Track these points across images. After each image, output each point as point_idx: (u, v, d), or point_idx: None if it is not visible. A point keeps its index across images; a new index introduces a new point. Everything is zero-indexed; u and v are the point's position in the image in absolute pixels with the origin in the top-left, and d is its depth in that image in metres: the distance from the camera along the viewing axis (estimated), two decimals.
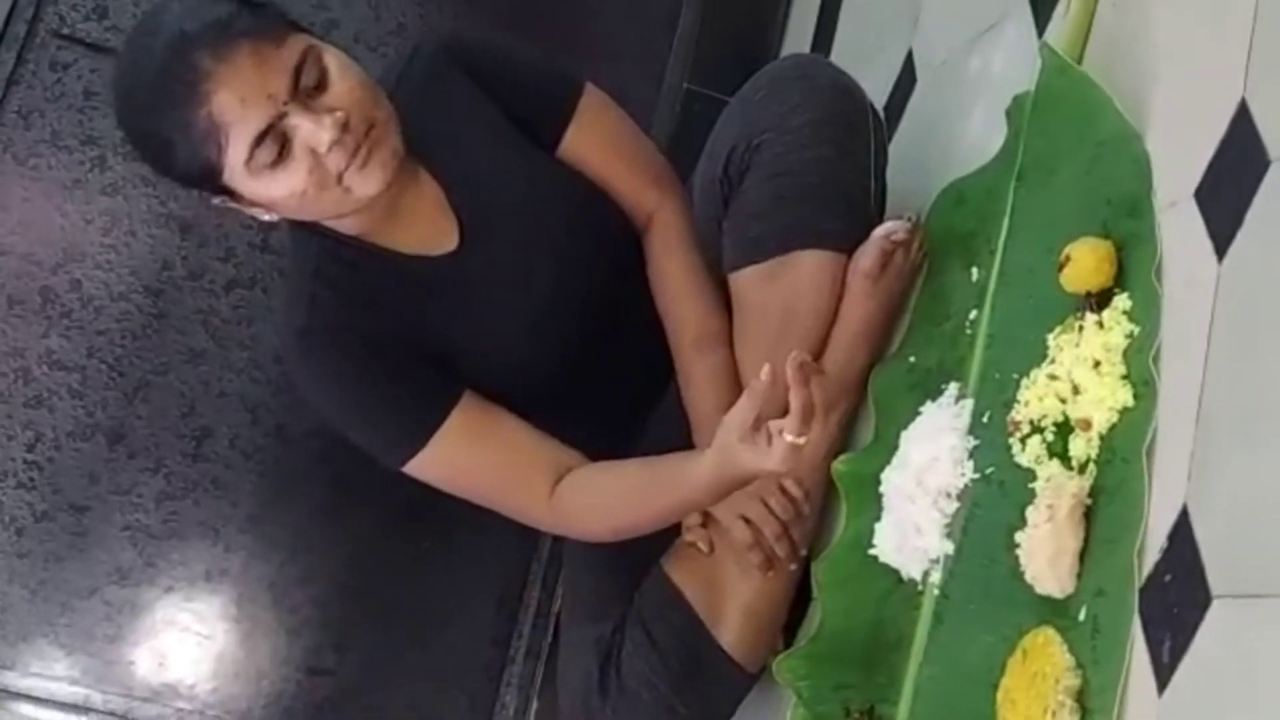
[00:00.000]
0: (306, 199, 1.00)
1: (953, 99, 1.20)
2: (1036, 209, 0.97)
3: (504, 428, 1.10)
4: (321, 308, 1.08)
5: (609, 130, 1.18)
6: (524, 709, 1.50)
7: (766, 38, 1.67)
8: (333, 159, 0.98)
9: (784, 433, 0.88)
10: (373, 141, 0.99)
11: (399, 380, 1.08)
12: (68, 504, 1.42)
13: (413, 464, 1.08)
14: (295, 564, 1.46)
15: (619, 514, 1.08)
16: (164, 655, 1.43)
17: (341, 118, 0.97)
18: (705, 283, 1.16)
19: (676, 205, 1.19)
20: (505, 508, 1.12)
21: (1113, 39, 0.96)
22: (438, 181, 1.11)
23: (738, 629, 1.10)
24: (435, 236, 1.11)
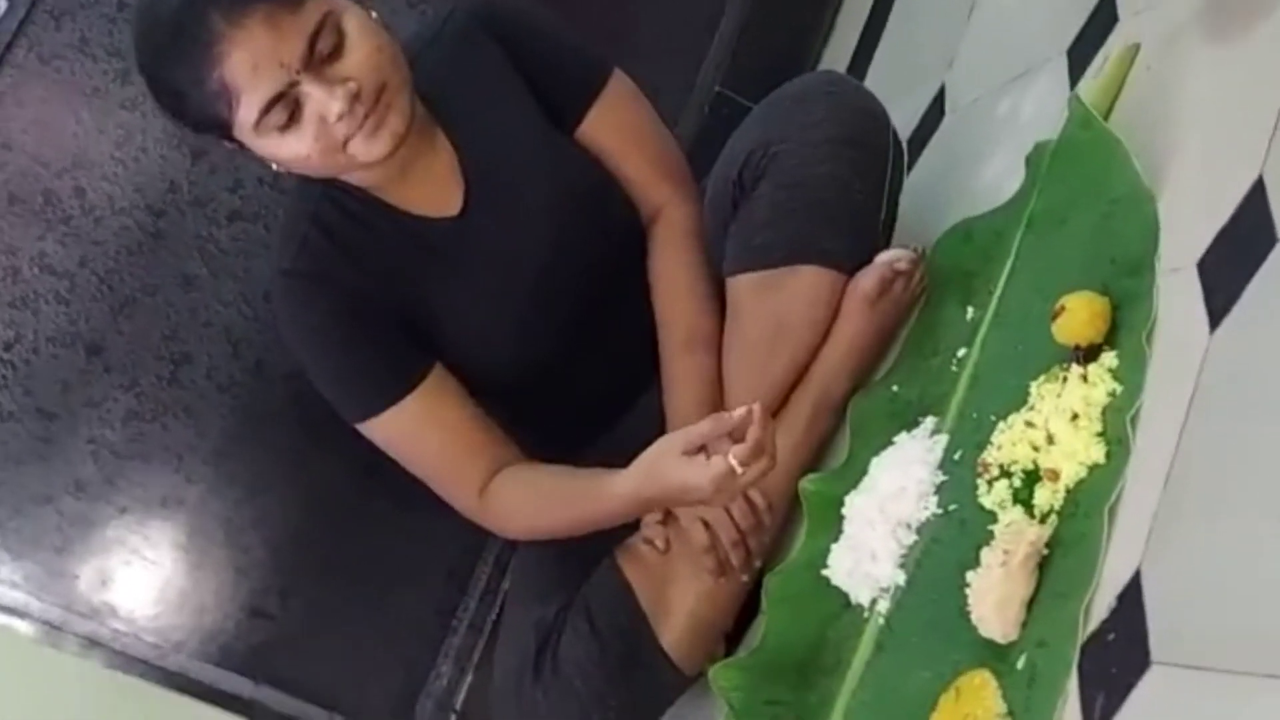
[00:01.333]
0: (311, 162, 1.00)
1: (977, 138, 1.20)
2: (1040, 256, 0.97)
3: (457, 414, 1.11)
4: (310, 253, 1.08)
5: (630, 119, 1.17)
6: (458, 681, 1.49)
7: (804, 53, 1.67)
8: (341, 127, 0.98)
9: (730, 455, 0.88)
10: (383, 107, 0.99)
11: (371, 343, 1.09)
12: (36, 408, 1.40)
13: (364, 424, 1.10)
14: (253, 504, 1.45)
15: (537, 516, 1.10)
16: (108, 574, 1.42)
17: (354, 88, 0.97)
18: (703, 284, 1.16)
19: (687, 204, 1.19)
20: (438, 489, 1.13)
21: (1142, 101, 0.96)
22: (453, 145, 1.11)
23: (680, 631, 1.09)
24: (442, 198, 1.11)
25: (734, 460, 0.89)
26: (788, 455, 1.09)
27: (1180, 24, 0.95)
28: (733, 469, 0.89)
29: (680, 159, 1.22)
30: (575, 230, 1.13)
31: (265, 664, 1.45)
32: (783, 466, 1.07)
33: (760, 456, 0.89)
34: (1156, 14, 1.00)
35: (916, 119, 1.30)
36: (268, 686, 1.45)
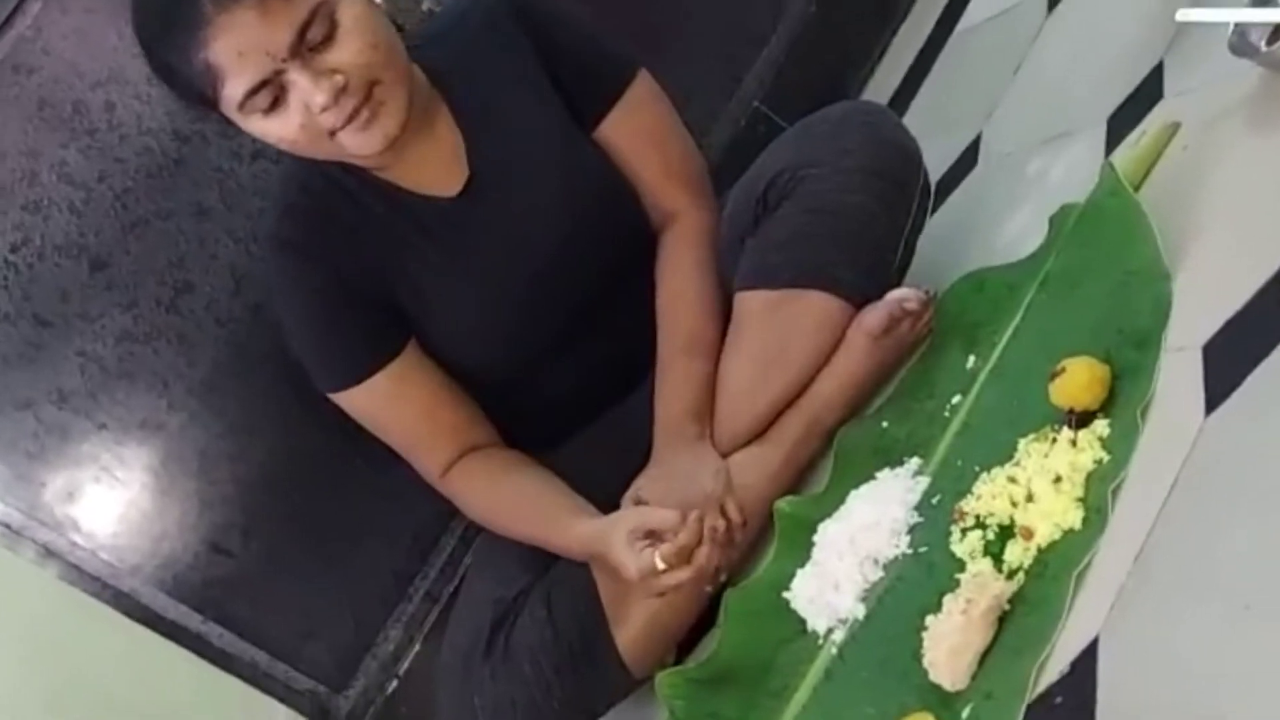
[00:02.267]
0: (298, 146, 1.01)
1: (1005, 191, 1.20)
2: (1049, 316, 0.96)
3: (428, 393, 1.12)
4: (294, 221, 1.10)
5: (651, 122, 1.17)
6: (406, 647, 1.48)
7: (848, 82, 1.67)
8: (326, 118, 0.98)
9: (657, 552, 0.93)
10: (375, 104, 0.99)
11: (346, 318, 1.10)
12: (33, 313, 1.40)
13: (335, 395, 1.13)
14: (231, 440, 1.44)
15: (491, 513, 1.13)
16: (76, 487, 1.41)
17: (340, 81, 0.97)
18: (710, 292, 1.15)
19: (701, 211, 1.18)
20: (408, 459, 1.16)
21: (1175, 177, 0.96)
22: (459, 127, 1.11)
23: (636, 633, 1.09)
24: (442, 179, 1.11)
25: (658, 558, 0.94)
26: (768, 475, 1.09)
27: (1223, 110, 0.95)
28: (654, 565, 0.94)
29: (699, 166, 1.21)
30: (578, 229, 1.12)
31: (216, 600, 1.44)
32: (762, 485, 1.08)
33: (685, 559, 0.94)
34: (1201, 96, 1.00)
35: (948, 163, 1.30)
36: (216, 623, 1.45)
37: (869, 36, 1.70)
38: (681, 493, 1.06)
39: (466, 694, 1.10)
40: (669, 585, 0.97)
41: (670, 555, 0.94)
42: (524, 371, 1.16)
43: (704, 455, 1.09)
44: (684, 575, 0.96)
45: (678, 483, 1.07)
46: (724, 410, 1.11)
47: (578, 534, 1.05)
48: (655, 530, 0.97)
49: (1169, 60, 1.07)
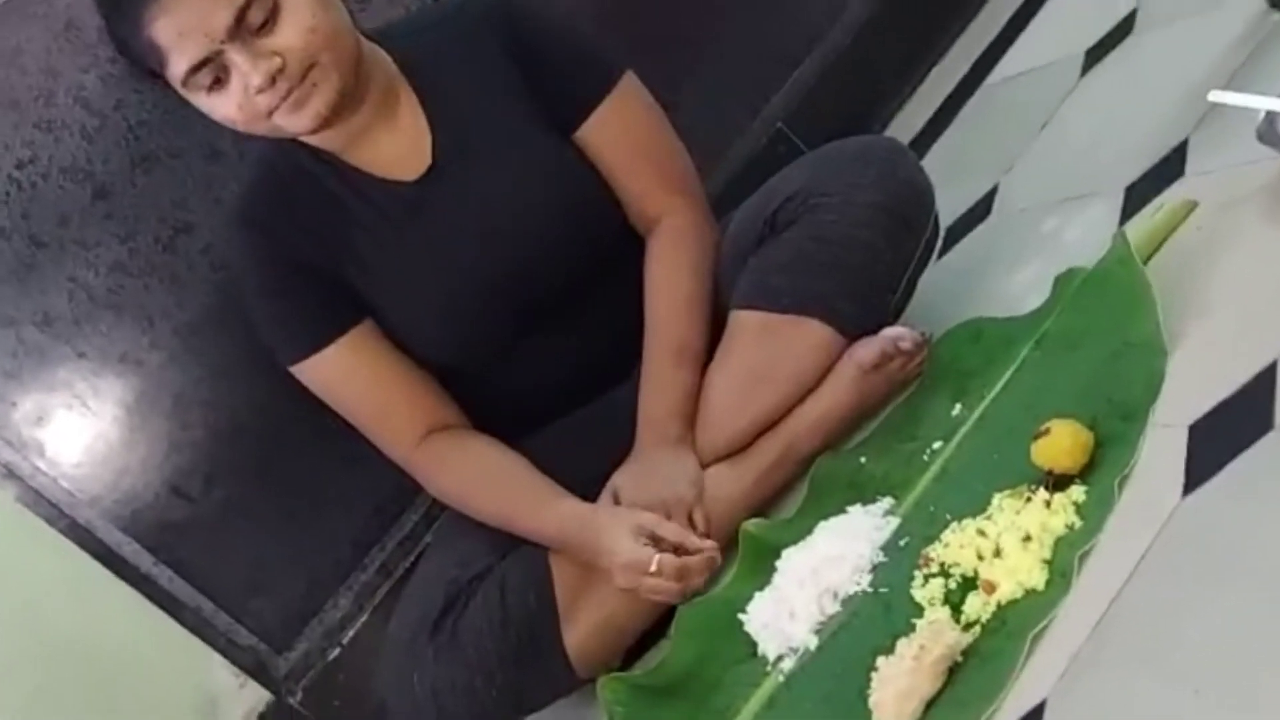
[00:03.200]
0: (239, 124, 1.06)
1: (1015, 246, 1.20)
2: (1042, 375, 0.96)
3: (387, 365, 1.14)
4: (254, 199, 1.16)
5: (634, 124, 1.17)
6: (353, 617, 1.47)
7: (873, 116, 1.67)
8: (262, 99, 1.02)
9: (658, 556, 0.97)
10: (309, 86, 1.02)
11: (303, 290, 1.13)
12: (29, 233, 1.39)
13: (294, 369, 1.16)
14: (208, 386, 1.43)
15: (467, 490, 1.13)
16: (47, 412, 1.40)
17: (278, 64, 1.00)
18: (699, 297, 1.15)
19: (689, 213, 1.18)
20: (372, 438, 1.17)
21: (1185, 255, 0.96)
22: (427, 116, 1.13)
23: (586, 633, 1.08)
24: (401, 165, 1.13)
25: (656, 560, 0.97)
26: (740, 493, 1.09)
27: (1242, 196, 0.95)
28: (651, 563, 0.97)
29: (687, 169, 1.20)
30: (539, 224, 1.13)
31: (170, 544, 1.43)
32: (732, 502, 1.08)
33: (676, 579, 0.98)
34: (1222, 179, 1.00)
35: (961, 209, 1.30)
36: (166, 566, 1.43)
37: (901, 74, 1.70)
38: (657, 492, 1.06)
39: (408, 670, 1.09)
40: (649, 588, 0.99)
41: (670, 568, 0.98)
42: (481, 359, 1.17)
43: (684, 457, 1.09)
44: (671, 588, 0.99)
45: (655, 481, 1.07)
46: (705, 422, 1.11)
47: (558, 513, 1.05)
48: (661, 539, 1.00)
49: (1195, 138, 1.07)
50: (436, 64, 1.13)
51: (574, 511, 1.06)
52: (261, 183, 1.16)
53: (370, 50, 1.12)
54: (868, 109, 1.66)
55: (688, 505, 1.06)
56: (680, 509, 1.06)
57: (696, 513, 1.06)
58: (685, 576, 1.00)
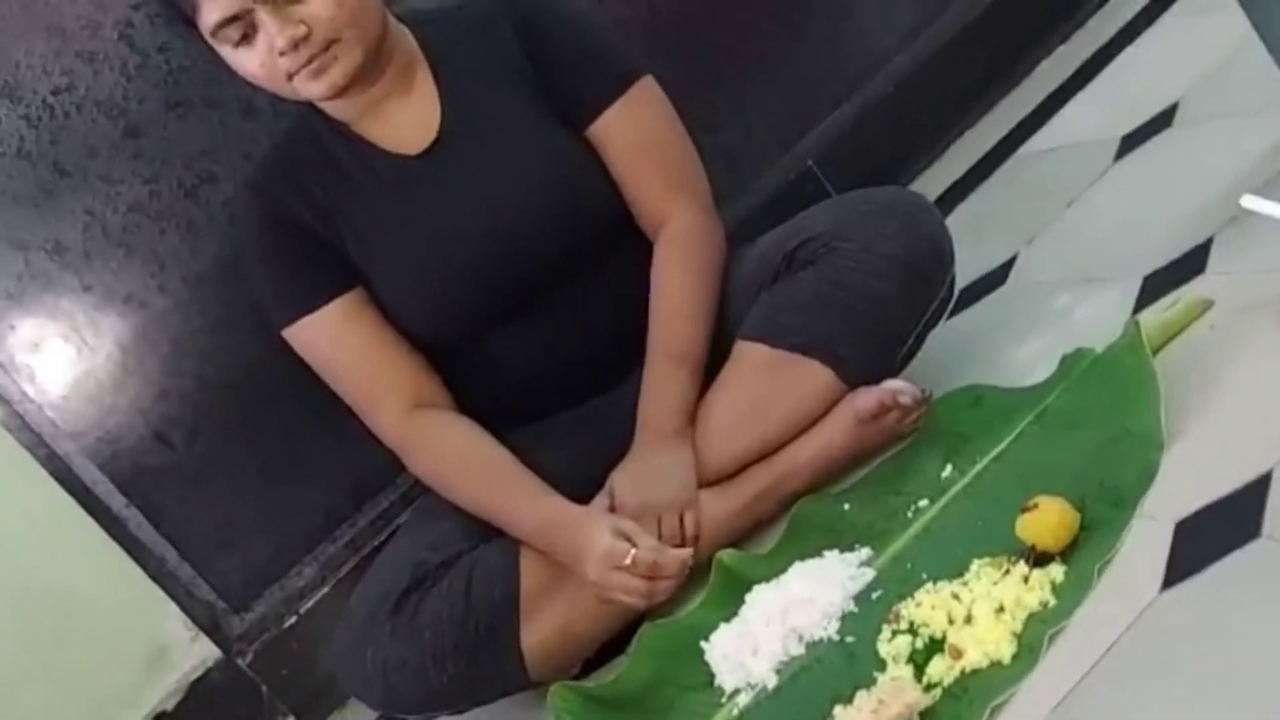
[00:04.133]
0: (260, 81, 1.10)
1: (1026, 317, 1.20)
2: (1037, 449, 0.96)
3: (378, 334, 1.15)
4: (269, 165, 1.20)
5: (649, 127, 1.18)
6: (315, 587, 1.46)
7: (904, 168, 1.67)
8: (284, 62, 1.07)
9: (634, 551, 0.99)
10: (330, 56, 1.08)
11: (300, 252, 1.16)
12: (54, 159, 1.38)
13: (285, 331, 1.17)
14: (207, 337, 1.42)
15: (450, 471, 1.13)
16: (43, 340, 1.39)
17: (303, 31, 1.05)
18: (704, 305, 1.15)
19: (697, 217, 1.18)
20: (356, 408, 1.18)
21: (1195, 352, 0.96)
22: (440, 96, 1.16)
23: (544, 635, 1.08)
24: (410, 139, 1.16)
25: (633, 555, 0.99)
26: (721, 521, 1.09)
27: (1258, 303, 0.95)
28: (626, 556, 0.99)
29: (697, 174, 1.21)
30: (535, 209, 1.14)
31: (145, 488, 1.42)
32: (712, 531, 1.08)
33: (648, 575, 0.99)
34: (1241, 282, 1.00)
35: (978, 273, 1.30)
36: (138, 510, 1.43)
37: (936, 131, 1.70)
38: (651, 494, 1.07)
39: (363, 643, 1.09)
40: (618, 584, 1.00)
41: (644, 564, 0.99)
42: (465, 336, 1.17)
43: (681, 455, 1.10)
44: (640, 586, 1.00)
45: (650, 483, 1.08)
46: (697, 445, 1.11)
47: (539, 507, 1.07)
48: (637, 544, 1.01)
49: (1220, 238, 1.07)
50: (453, 47, 1.17)
51: (555, 507, 1.07)
52: (279, 149, 1.21)
53: (395, 28, 1.16)
54: (899, 160, 1.67)
55: (679, 508, 1.07)
56: (672, 511, 1.07)
57: (688, 515, 1.07)
58: (656, 573, 1.00)
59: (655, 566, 1.00)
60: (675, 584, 1.02)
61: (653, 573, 1.00)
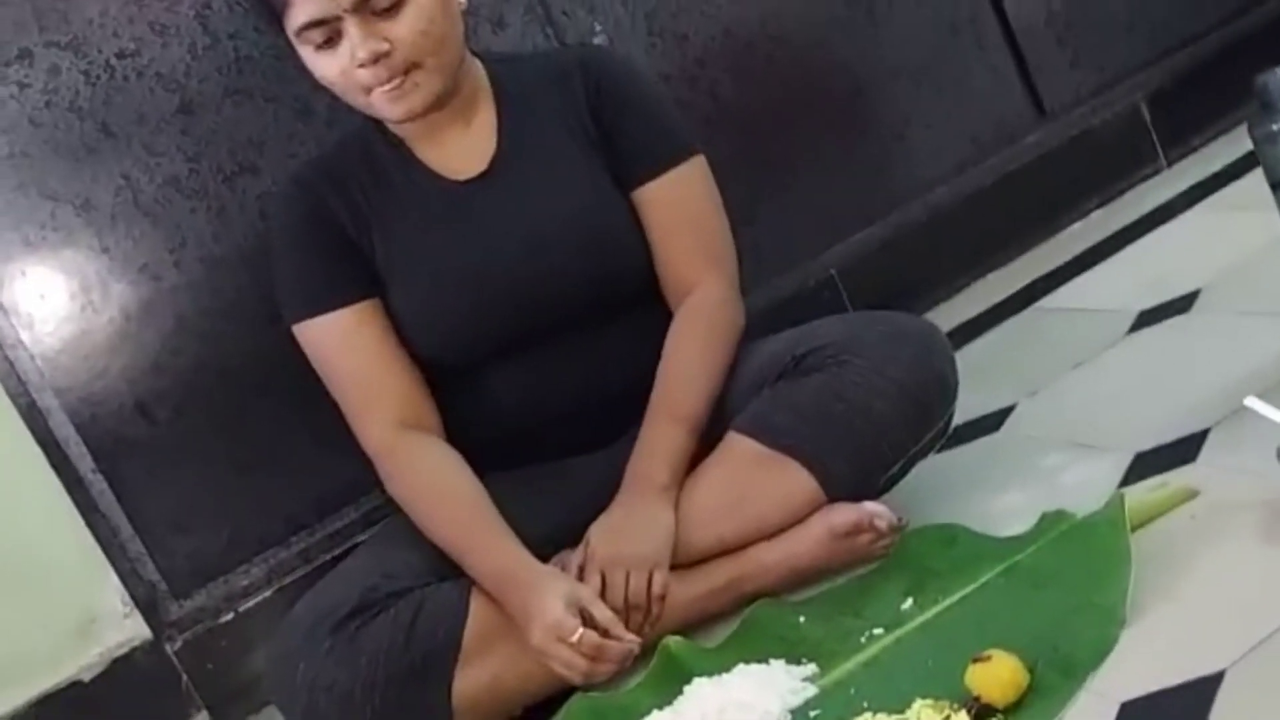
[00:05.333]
0: (337, 89, 1.13)
1: (1014, 468, 1.21)
2: (999, 602, 0.96)
3: (383, 348, 1.17)
4: (315, 168, 1.22)
5: (691, 201, 1.21)
6: (259, 589, 1.44)
7: (922, 296, 1.69)
8: (362, 74, 1.10)
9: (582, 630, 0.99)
10: (410, 83, 1.11)
11: (328, 253, 1.18)
12: (104, 119, 1.40)
13: (296, 326, 1.20)
14: (212, 321, 1.42)
15: (421, 496, 1.14)
16: (50, 291, 1.39)
17: (385, 48, 1.08)
18: (712, 376, 1.16)
19: (721, 291, 1.20)
20: (347, 413, 1.19)
21: (1171, 538, 0.96)
22: (497, 132, 1.19)
23: (476, 683, 1.07)
24: (460, 166, 1.19)
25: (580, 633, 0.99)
26: (675, 607, 1.08)
27: (1242, 503, 0.96)
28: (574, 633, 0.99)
29: (728, 252, 1.24)
30: (558, 258, 1.16)
31: (115, 458, 1.41)
32: (664, 614, 1.07)
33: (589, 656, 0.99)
34: (1230, 479, 1.01)
35: (974, 415, 1.31)
36: (103, 478, 1.42)
37: (961, 267, 1.73)
38: (626, 545, 1.07)
39: (297, 656, 1.07)
40: (560, 658, 1.00)
41: (589, 645, 0.99)
42: (470, 367, 1.18)
43: (662, 511, 1.10)
44: (580, 665, 1.00)
45: (628, 533, 1.08)
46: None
47: (502, 554, 1.07)
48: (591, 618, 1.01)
49: (1217, 431, 1.09)
50: (522, 89, 1.21)
51: (516, 560, 1.06)
52: (331, 151, 1.24)
53: (470, 61, 1.20)
54: (919, 287, 1.68)
55: (650, 566, 1.07)
56: (642, 568, 1.07)
57: (658, 575, 1.07)
58: (598, 657, 1.00)
59: (600, 650, 0.99)
60: (617, 670, 1.01)
61: (596, 655, 0.99)
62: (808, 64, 1.67)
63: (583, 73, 1.21)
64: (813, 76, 1.68)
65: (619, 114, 1.20)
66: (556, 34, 1.55)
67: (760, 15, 1.64)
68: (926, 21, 1.73)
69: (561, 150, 1.19)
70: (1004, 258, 1.74)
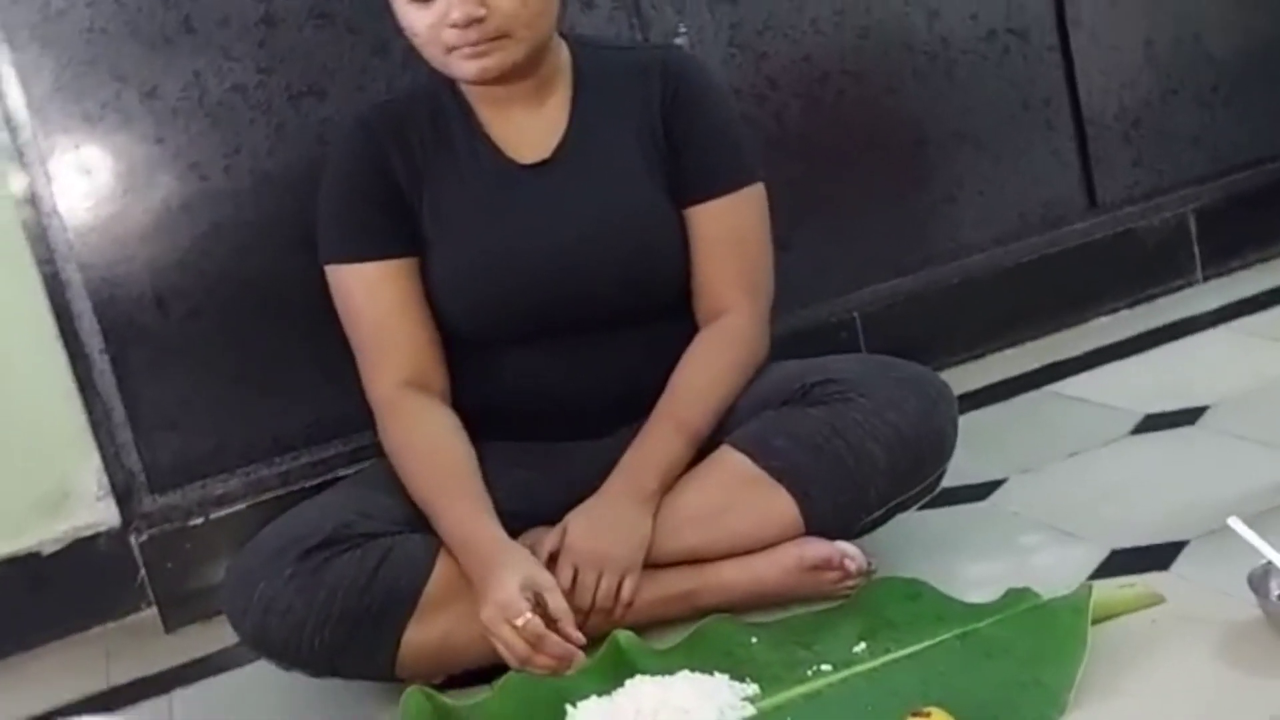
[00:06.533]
0: (419, 40, 1.13)
1: (991, 539, 1.22)
2: (950, 663, 0.97)
3: (409, 306, 1.18)
4: (383, 113, 1.21)
5: (741, 228, 1.21)
6: (233, 501, 1.46)
7: (936, 354, 1.68)
8: (450, 34, 1.10)
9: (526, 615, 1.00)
10: (495, 45, 1.10)
11: (375, 206, 1.18)
12: (187, 14, 1.40)
13: (329, 267, 1.20)
14: (247, 232, 1.44)
15: (411, 453, 1.14)
16: (98, 169, 1.41)
17: (480, 14, 1.09)
18: (723, 396, 1.17)
19: (750, 319, 1.21)
20: (360, 360, 1.20)
21: (1129, 638, 0.97)
22: (568, 120, 1.19)
23: (426, 636, 1.08)
24: (524, 149, 1.19)
25: (524, 618, 0.99)
26: (639, 602, 1.10)
27: (1206, 618, 0.97)
28: (520, 617, 0.99)
29: (767, 283, 1.24)
30: (599, 256, 1.16)
31: (125, 342, 1.43)
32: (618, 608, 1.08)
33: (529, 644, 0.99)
34: (1198, 592, 1.02)
35: (966, 480, 1.32)
36: (108, 359, 1.44)
37: (982, 336, 1.73)
38: (602, 544, 1.08)
39: (258, 575, 1.08)
40: (503, 637, 1.00)
41: (531, 633, 1.00)
42: (490, 343, 1.19)
43: (641, 517, 1.11)
44: (519, 650, 1.00)
45: (607, 532, 1.09)
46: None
47: (473, 525, 1.07)
48: (544, 606, 1.01)
49: (1195, 545, 1.10)
50: (601, 80, 1.20)
51: (485, 532, 1.07)
52: (400, 101, 1.23)
53: (556, 41, 1.19)
54: (936, 347, 1.68)
55: (622, 570, 1.08)
56: (614, 571, 1.08)
57: (629, 581, 1.08)
58: (537, 647, 1.00)
59: (540, 640, 1.00)
60: (554, 668, 1.01)
61: (536, 644, 1.00)
62: (877, 107, 1.69)
63: (663, 74, 1.20)
64: (879, 120, 1.69)
65: (690, 126, 1.19)
66: (641, 25, 1.57)
67: (841, 50, 1.66)
68: (1002, 91, 1.75)
69: (626, 148, 1.19)
70: (1026, 336, 1.75)
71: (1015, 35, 1.75)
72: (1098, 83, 1.79)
